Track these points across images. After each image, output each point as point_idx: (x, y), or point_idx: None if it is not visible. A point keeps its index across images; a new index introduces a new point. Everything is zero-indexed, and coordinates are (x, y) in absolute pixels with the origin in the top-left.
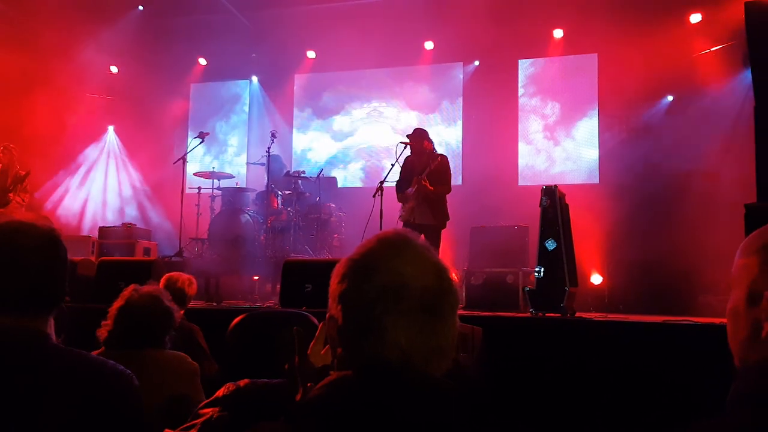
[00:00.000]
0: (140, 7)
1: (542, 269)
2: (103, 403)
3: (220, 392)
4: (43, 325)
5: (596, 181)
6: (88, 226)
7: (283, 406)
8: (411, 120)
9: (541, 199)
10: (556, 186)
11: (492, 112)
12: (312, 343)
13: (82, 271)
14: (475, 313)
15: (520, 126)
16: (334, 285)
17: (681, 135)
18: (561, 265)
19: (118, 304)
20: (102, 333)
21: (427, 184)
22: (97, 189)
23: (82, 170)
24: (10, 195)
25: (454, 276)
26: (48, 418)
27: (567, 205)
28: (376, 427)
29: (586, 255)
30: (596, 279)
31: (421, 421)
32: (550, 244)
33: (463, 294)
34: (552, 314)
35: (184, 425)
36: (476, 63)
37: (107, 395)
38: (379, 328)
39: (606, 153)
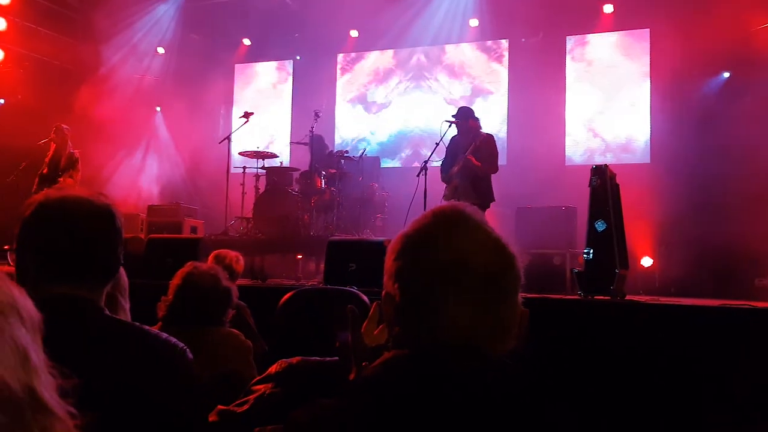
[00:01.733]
0: None
1: (591, 251)
2: (155, 375)
3: (273, 369)
4: (98, 297)
5: (648, 160)
6: (137, 204)
7: (335, 384)
8: (456, 99)
9: (591, 178)
10: (606, 165)
11: (538, 90)
12: (365, 323)
13: (131, 249)
14: (521, 294)
15: (567, 104)
16: (390, 261)
17: (737, 113)
18: (611, 246)
19: (177, 280)
20: (161, 308)
21: (473, 159)
22: (146, 168)
23: (131, 150)
24: (60, 179)
25: (515, 251)
26: (100, 388)
27: (617, 185)
28: (432, 407)
29: (637, 237)
30: (646, 261)
31: (478, 401)
32: (600, 225)
33: None
34: (601, 297)
35: (237, 401)
36: (522, 40)
37: (160, 367)
38: (437, 306)
39: (658, 132)
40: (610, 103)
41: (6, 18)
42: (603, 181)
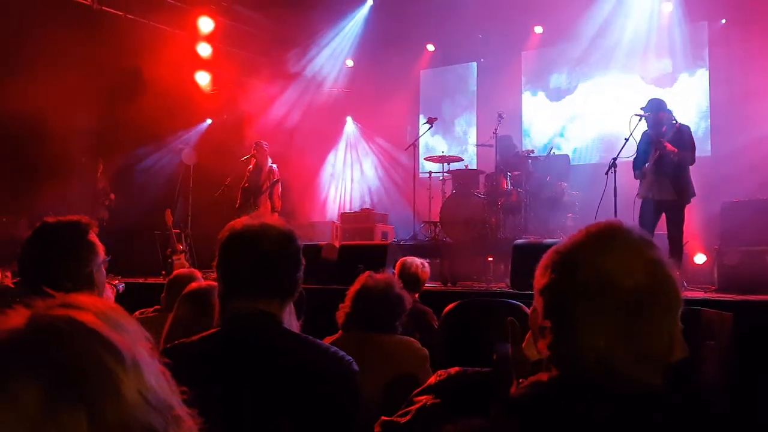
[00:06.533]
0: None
1: None
2: (322, 385)
3: (432, 380)
4: (276, 310)
5: None
6: (331, 212)
7: (491, 397)
8: (649, 90)
9: None
10: None
11: (745, 73)
12: (528, 335)
13: (325, 255)
14: (726, 296)
15: None
16: (537, 277)
17: None
18: None
19: (354, 288)
20: (340, 316)
21: (668, 145)
22: (339, 176)
23: (325, 160)
24: (261, 199)
25: (674, 273)
26: (273, 394)
27: None
28: None
29: None
30: None
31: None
32: None
33: (715, 275)
34: None
35: (400, 412)
36: (723, 21)
37: (327, 378)
38: (576, 328)
39: None
40: None
41: (210, 44)
42: None
